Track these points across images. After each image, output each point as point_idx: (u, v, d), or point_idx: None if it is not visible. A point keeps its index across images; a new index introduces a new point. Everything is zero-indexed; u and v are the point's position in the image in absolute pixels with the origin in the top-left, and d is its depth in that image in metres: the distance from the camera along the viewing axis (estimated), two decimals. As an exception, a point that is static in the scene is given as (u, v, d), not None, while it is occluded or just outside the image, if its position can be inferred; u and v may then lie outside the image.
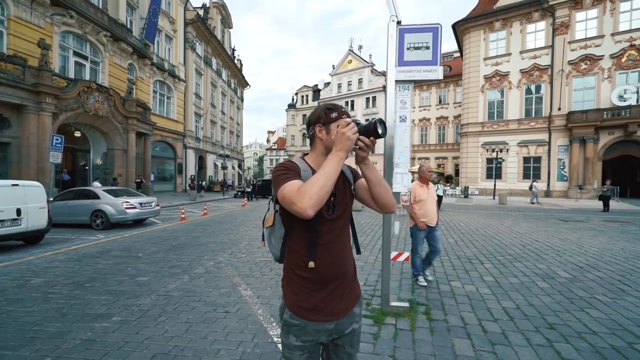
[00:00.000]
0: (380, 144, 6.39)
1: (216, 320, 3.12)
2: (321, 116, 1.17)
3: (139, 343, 2.69)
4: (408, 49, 3.07)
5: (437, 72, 3.00)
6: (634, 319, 3.06)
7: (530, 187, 18.63)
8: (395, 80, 3.06)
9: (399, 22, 3.02)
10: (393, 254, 3.49)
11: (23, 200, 6.46)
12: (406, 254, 3.73)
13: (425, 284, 4.09)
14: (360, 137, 1.06)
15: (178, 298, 3.71)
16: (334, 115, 1.15)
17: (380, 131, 1.04)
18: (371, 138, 1.06)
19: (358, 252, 1.33)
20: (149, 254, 5.91)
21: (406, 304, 3.22)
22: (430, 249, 4.17)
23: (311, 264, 1.11)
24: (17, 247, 6.62)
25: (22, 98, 12.67)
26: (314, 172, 1.15)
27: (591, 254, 5.79)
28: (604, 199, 14.07)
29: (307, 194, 0.96)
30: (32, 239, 6.90)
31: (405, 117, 3.15)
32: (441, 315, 3.14)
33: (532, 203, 17.99)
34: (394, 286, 3.97)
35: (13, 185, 6.44)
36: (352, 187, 1.26)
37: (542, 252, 5.96)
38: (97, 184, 14.12)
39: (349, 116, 1.16)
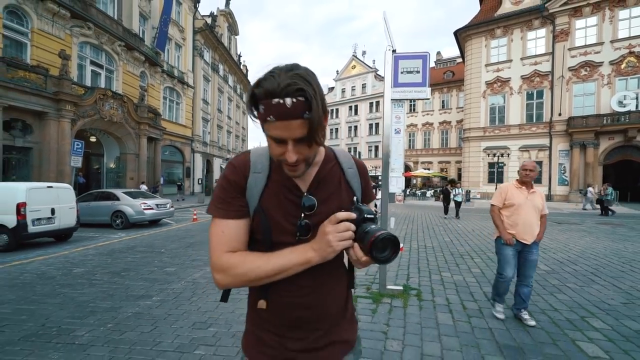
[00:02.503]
0: (379, 149, 6.79)
1: (240, 300, 3.70)
2: (249, 104, 0.71)
3: (179, 315, 3.28)
4: (402, 72, 3.66)
5: (426, 93, 3.60)
6: (593, 300, 3.60)
7: (585, 193, 17.51)
8: (391, 99, 3.66)
9: (394, 51, 3.62)
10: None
11: (56, 200, 7.13)
12: (400, 245, 4.29)
13: (501, 316, 3.10)
14: (356, 246, 0.71)
15: (204, 284, 4.30)
16: (261, 109, 0.68)
17: (378, 257, 0.68)
18: (366, 258, 0.70)
19: (351, 286, 0.94)
20: (170, 250, 6.52)
21: (400, 288, 3.79)
22: (518, 278, 3.08)
23: (261, 304, 0.80)
24: (49, 243, 7.27)
25: (44, 105, 13.45)
26: (272, 173, 0.81)
27: (574, 251, 6.30)
28: (602, 202, 14.46)
29: (231, 276, 0.74)
30: (62, 236, 7.58)
31: (400, 130, 3.74)
32: (430, 297, 3.71)
33: (585, 209, 16.54)
34: (391, 275, 4.53)
35: (48, 187, 7.12)
36: (357, 202, 0.86)
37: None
38: (144, 187, 15.54)
39: (284, 107, 0.64)
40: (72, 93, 14.11)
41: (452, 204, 13.19)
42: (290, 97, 0.64)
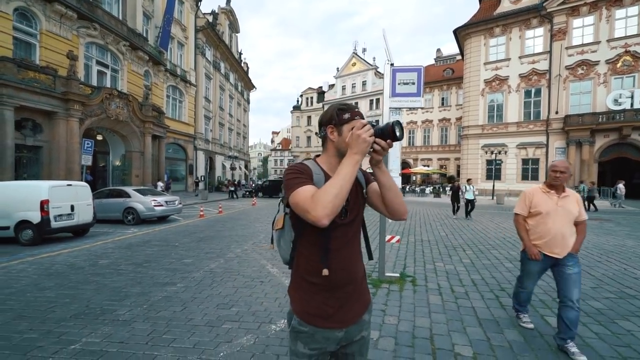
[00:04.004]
0: None
1: (255, 286, 4.18)
2: (333, 117, 1.13)
3: (203, 298, 3.75)
4: (399, 83, 4.10)
5: (420, 102, 4.04)
6: (567, 286, 4.08)
7: (615, 190, 17.53)
8: (389, 107, 4.10)
9: (392, 64, 4.06)
10: (387, 237, 4.52)
11: (75, 197, 7.60)
12: (397, 237, 4.76)
13: (530, 326, 2.90)
14: (377, 139, 1.03)
15: (221, 273, 4.78)
16: (346, 116, 1.11)
17: (398, 134, 1.01)
18: (388, 141, 1.03)
19: (370, 257, 1.34)
20: (183, 244, 6.99)
21: (397, 275, 4.28)
22: (559, 299, 2.59)
23: (325, 272, 1.08)
24: (68, 238, 7.74)
25: (53, 105, 13.84)
26: (326, 175, 1.14)
27: (560, 244, 6.78)
28: (591, 199, 15.00)
29: (322, 202, 0.94)
30: (80, 231, 8.05)
31: (397, 135, 4.18)
32: (423, 282, 4.19)
33: (614, 206, 16.66)
34: (389, 265, 5.01)
35: (68, 185, 7.58)
36: (364, 190, 1.23)
37: (518, 242, 6.90)
38: (160, 183, 16.23)
39: (362, 117, 1.12)
40: (79, 93, 14.50)
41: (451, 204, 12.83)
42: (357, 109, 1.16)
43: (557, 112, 23.45)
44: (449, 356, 2.48)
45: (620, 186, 17.22)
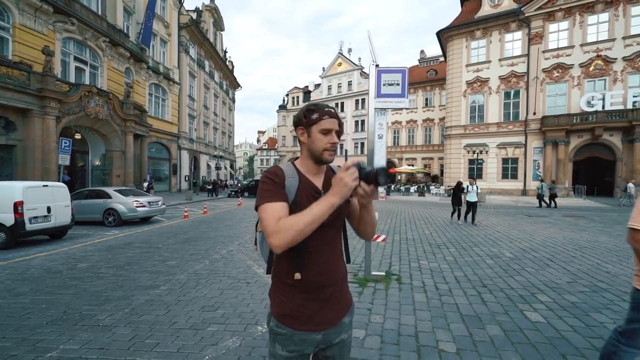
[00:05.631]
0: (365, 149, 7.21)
1: (241, 287, 4.14)
2: (301, 118, 1.14)
3: (188, 301, 3.69)
4: (384, 84, 4.16)
5: (405, 103, 4.11)
6: (545, 280, 4.26)
7: (625, 189, 17.53)
8: (375, 108, 4.15)
9: (377, 65, 4.10)
10: (373, 237, 4.58)
11: (52, 199, 7.30)
12: (383, 236, 4.82)
13: None
14: (362, 183, 0.98)
15: (206, 275, 4.70)
16: (314, 116, 1.10)
17: (380, 181, 0.97)
18: (371, 186, 0.99)
19: (348, 261, 1.30)
20: (167, 245, 6.84)
21: (383, 274, 4.33)
22: None
23: (297, 276, 1.08)
24: (45, 241, 7.43)
25: (28, 102, 13.24)
26: (301, 177, 1.14)
27: (537, 241, 7.06)
28: (552, 196, 15.95)
29: (284, 232, 0.94)
30: (57, 233, 7.74)
31: (382, 135, 4.24)
32: (408, 280, 4.27)
33: (624, 205, 16.54)
34: (375, 264, 5.07)
35: (44, 186, 7.28)
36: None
37: (498, 239, 7.20)
38: (145, 184, 16.04)
39: (333, 115, 1.11)
40: (56, 90, 13.93)
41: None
42: (331, 108, 1.14)
43: (534, 113, 24.30)
44: (433, 353, 2.54)
45: (630, 185, 17.35)
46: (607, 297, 3.71)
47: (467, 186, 10.26)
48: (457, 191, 10.55)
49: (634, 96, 21.22)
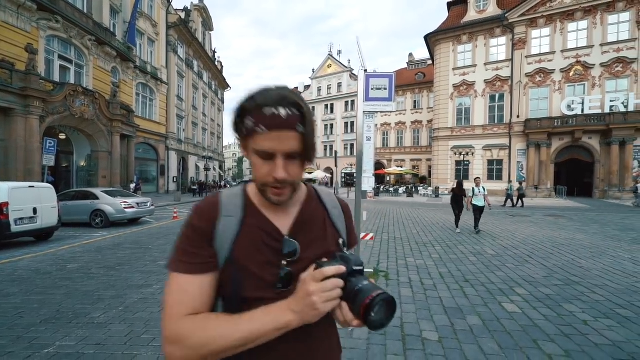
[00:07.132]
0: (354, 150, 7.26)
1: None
2: (236, 119, 0.66)
3: (181, 299, 3.76)
4: (372, 89, 4.33)
5: (392, 107, 4.30)
6: (523, 275, 4.52)
7: (635, 190, 17.36)
8: (363, 112, 4.32)
9: (365, 70, 4.28)
10: (362, 235, 4.74)
11: (38, 200, 7.20)
12: (371, 235, 5.00)
13: None
14: (344, 306, 0.58)
15: (198, 274, 4.77)
16: (248, 123, 0.62)
17: (374, 319, 0.54)
18: (357, 321, 0.57)
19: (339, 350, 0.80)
20: (157, 246, 6.85)
21: (371, 270, 4.50)
22: None
23: None
24: (31, 242, 7.33)
25: (10, 102, 12.92)
26: (247, 209, 0.70)
27: (518, 238, 7.38)
28: (520, 196, 16.91)
29: (188, 342, 0.58)
30: (43, 235, 7.63)
31: (370, 137, 4.42)
32: (395, 277, 4.45)
33: (637, 206, 16.17)
34: (364, 261, 5.22)
35: (30, 187, 7.18)
36: (343, 245, 0.76)
37: (482, 238, 7.49)
38: (133, 185, 15.95)
39: (281, 125, 0.60)
40: (40, 89, 13.63)
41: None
42: (284, 108, 0.60)
43: (518, 116, 25.08)
44: (417, 341, 2.71)
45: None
46: (579, 289, 3.97)
47: (473, 188, 8.61)
48: (458, 193, 8.83)
49: (610, 101, 22.17)
